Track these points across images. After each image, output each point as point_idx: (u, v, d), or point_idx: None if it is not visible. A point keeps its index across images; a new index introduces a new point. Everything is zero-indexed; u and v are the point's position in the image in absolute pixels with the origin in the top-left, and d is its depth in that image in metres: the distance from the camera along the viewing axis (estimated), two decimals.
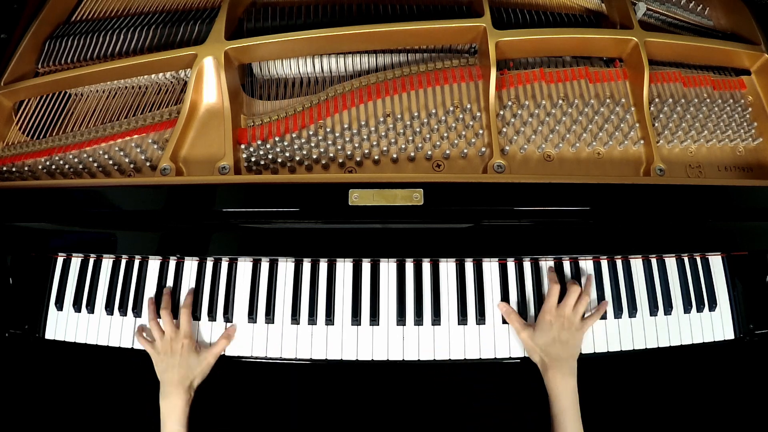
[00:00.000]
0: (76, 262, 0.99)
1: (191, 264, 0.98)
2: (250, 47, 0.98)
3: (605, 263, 0.98)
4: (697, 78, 1.07)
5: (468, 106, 0.99)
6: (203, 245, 0.92)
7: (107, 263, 0.99)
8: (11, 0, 1.05)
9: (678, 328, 0.95)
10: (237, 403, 1.04)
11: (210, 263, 0.98)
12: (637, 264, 0.98)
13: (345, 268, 0.96)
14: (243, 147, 0.97)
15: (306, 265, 0.97)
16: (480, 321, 0.94)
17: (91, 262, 0.99)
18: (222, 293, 0.96)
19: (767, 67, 1.06)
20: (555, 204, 0.88)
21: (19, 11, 1.05)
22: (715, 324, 0.96)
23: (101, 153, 0.97)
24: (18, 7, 1.05)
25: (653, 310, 0.95)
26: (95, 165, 0.96)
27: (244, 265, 0.97)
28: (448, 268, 0.96)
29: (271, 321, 0.94)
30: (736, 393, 1.09)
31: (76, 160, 0.97)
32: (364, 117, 0.98)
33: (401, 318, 0.93)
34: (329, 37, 0.98)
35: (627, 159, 0.97)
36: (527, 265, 0.97)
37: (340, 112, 0.99)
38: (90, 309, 0.96)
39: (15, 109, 1.03)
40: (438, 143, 0.96)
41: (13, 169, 0.97)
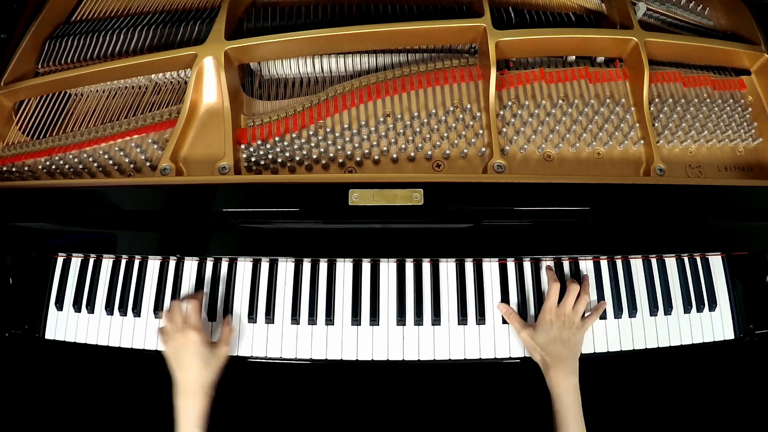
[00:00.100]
0: (76, 262, 0.99)
1: (191, 264, 0.98)
2: (250, 47, 0.98)
3: (605, 263, 0.98)
4: (697, 78, 1.07)
5: (468, 106, 0.99)
6: (203, 245, 0.92)
7: (107, 263, 0.99)
8: (11, 0, 1.05)
9: (678, 328, 0.95)
10: (237, 403, 1.04)
11: (210, 263, 0.98)
12: (637, 264, 0.98)
13: (345, 268, 0.96)
14: (243, 147, 0.97)
15: (306, 265, 0.97)
16: (480, 321, 0.94)
17: (91, 262, 0.99)
18: (222, 293, 0.96)
19: (767, 67, 1.06)
20: (555, 204, 0.88)
21: (19, 11, 1.05)
22: (715, 324, 0.96)
23: (101, 153, 0.97)
24: (18, 7, 1.05)
25: (653, 310, 0.95)
26: (95, 165, 0.96)
27: (244, 265, 0.97)
28: (448, 268, 0.96)
29: (271, 321, 0.94)
30: (736, 393, 1.09)
31: (76, 160, 0.97)
32: (364, 117, 0.98)
33: (401, 318, 0.93)
34: (329, 37, 0.98)
35: (627, 159, 0.97)
36: (527, 265, 0.97)
37: (340, 112, 0.99)
38: (90, 309, 0.96)
39: (15, 109, 1.03)
40: (438, 143, 0.96)
41: (13, 169, 0.97)
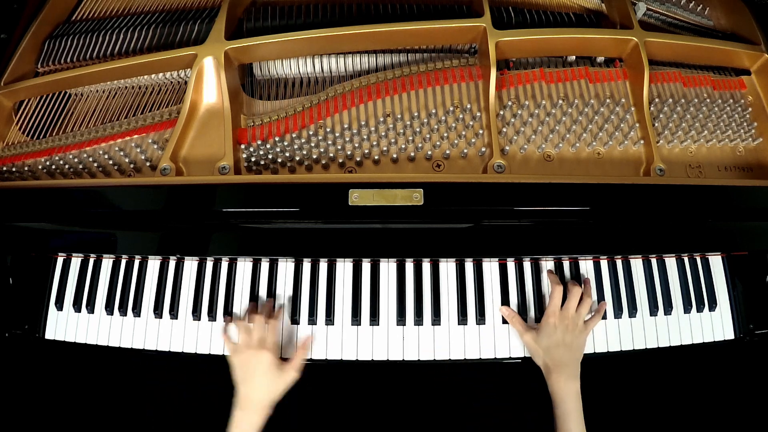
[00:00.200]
0: (76, 262, 0.99)
1: (191, 264, 0.98)
2: (250, 47, 0.98)
3: (605, 263, 0.98)
4: (697, 78, 1.07)
5: (468, 106, 0.99)
6: (203, 245, 0.92)
7: (107, 263, 0.99)
8: (11, 0, 1.05)
9: (678, 328, 0.95)
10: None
11: (210, 263, 0.98)
12: (637, 264, 0.98)
13: (345, 268, 0.96)
14: (243, 147, 0.97)
15: (306, 265, 0.97)
16: (480, 321, 0.94)
17: (91, 262, 0.99)
18: (222, 293, 0.96)
19: (767, 67, 1.06)
20: (555, 204, 0.88)
21: (19, 11, 1.05)
22: (715, 324, 0.96)
23: (101, 153, 0.97)
24: (18, 7, 1.05)
25: (653, 310, 0.95)
26: (95, 165, 0.96)
27: (244, 265, 0.97)
28: (448, 268, 0.96)
29: None
30: (736, 393, 1.09)
31: (76, 160, 0.97)
32: (364, 117, 0.98)
33: (401, 318, 0.93)
34: (329, 37, 0.98)
35: (627, 159, 0.97)
36: (527, 266, 0.97)
37: (340, 112, 0.99)
38: (90, 309, 0.96)
39: (15, 109, 1.03)
40: (438, 143, 0.96)
41: (13, 169, 0.97)
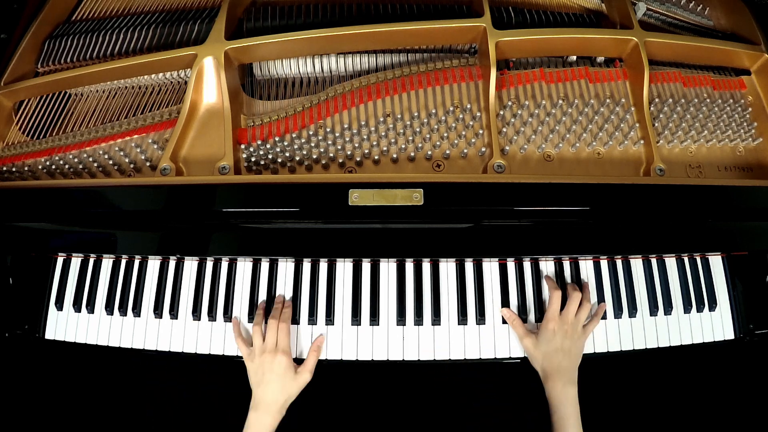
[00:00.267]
0: (76, 262, 0.99)
1: (191, 264, 0.98)
2: (250, 47, 0.98)
3: (605, 263, 0.98)
4: (697, 78, 1.07)
5: (468, 106, 0.99)
6: (203, 245, 0.92)
7: (107, 263, 0.99)
8: (11, 0, 1.05)
9: (678, 328, 0.95)
10: (236, 403, 1.04)
11: (210, 263, 0.98)
12: (637, 264, 0.98)
13: (345, 268, 0.96)
14: (243, 147, 0.97)
15: (306, 265, 0.97)
16: (480, 321, 0.94)
17: (91, 262, 0.99)
18: (222, 293, 0.96)
19: (767, 67, 1.06)
20: (555, 204, 0.88)
21: (19, 11, 1.05)
22: (715, 324, 0.96)
23: (101, 153, 0.97)
24: (18, 7, 1.05)
25: (653, 310, 0.95)
26: (95, 165, 0.96)
27: (244, 265, 0.97)
28: (448, 268, 0.96)
29: None
30: (736, 393, 1.09)
31: (76, 160, 0.97)
32: (364, 117, 0.98)
33: (401, 318, 0.93)
34: (329, 37, 0.98)
35: (627, 159, 0.97)
36: (527, 266, 0.97)
37: (340, 112, 0.99)
38: (90, 309, 0.96)
39: (15, 109, 1.03)
40: (438, 143, 0.95)
41: (13, 169, 0.97)
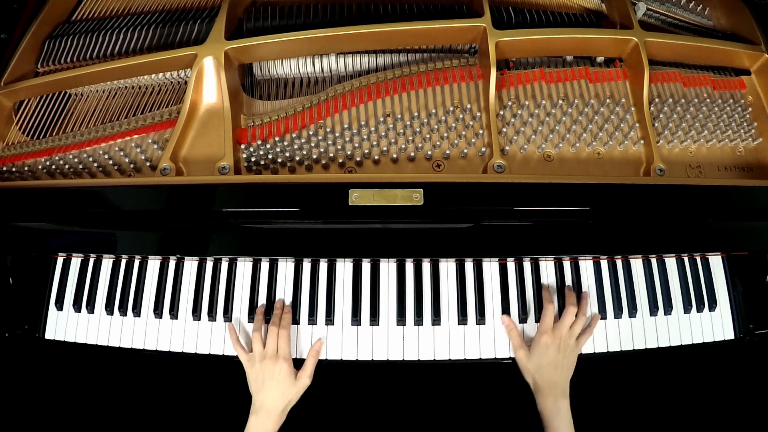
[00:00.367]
0: (76, 262, 0.99)
1: (191, 264, 0.98)
2: (250, 47, 0.98)
3: (605, 263, 0.98)
4: (697, 78, 1.07)
5: (468, 106, 0.99)
6: (203, 245, 0.92)
7: (107, 263, 0.99)
8: (11, 0, 1.05)
9: (678, 328, 0.95)
10: (236, 404, 1.04)
11: (210, 263, 0.98)
12: (637, 264, 0.98)
13: (345, 268, 0.96)
14: (243, 147, 0.97)
15: (306, 265, 0.97)
16: (480, 321, 0.94)
17: (91, 262, 0.99)
18: (222, 293, 0.96)
19: (767, 67, 1.06)
20: (555, 204, 0.88)
21: (19, 11, 1.05)
22: (715, 324, 0.96)
23: (101, 153, 0.97)
24: (18, 7, 1.05)
25: (653, 310, 0.95)
26: (95, 165, 0.96)
27: (244, 265, 0.97)
28: (448, 268, 0.96)
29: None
30: (736, 393, 1.09)
31: (76, 160, 0.97)
32: (364, 117, 0.98)
33: (401, 318, 0.93)
34: (329, 37, 0.98)
35: (627, 159, 0.97)
36: (527, 265, 0.97)
37: (340, 112, 0.99)
38: (90, 309, 0.96)
39: (15, 109, 1.03)
40: (438, 143, 0.96)
41: (13, 169, 0.97)
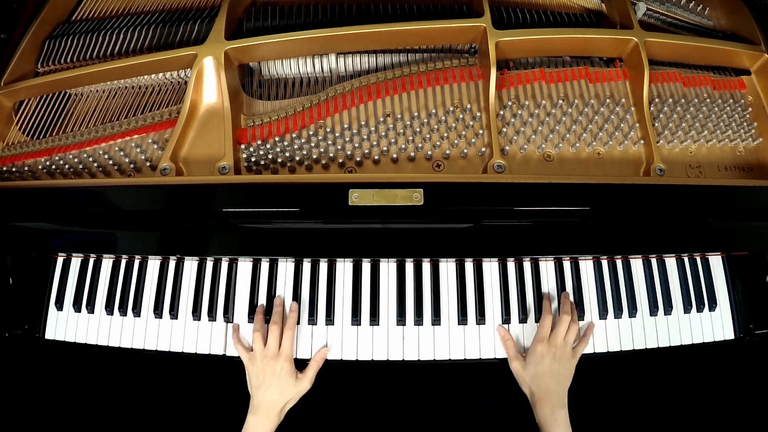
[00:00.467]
0: (76, 262, 0.99)
1: (191, 264, 0.98)
2: (250, 47, 0.98)
3: (605, 263, 0.98)
4: (697, 78, 1.07)
5: (468, 106, 0.99)
6: (203, 245, 0.92)
7: (107, 263, 0.99)
8: (11, 0, 1.05)
9: (678, 328, 0.95)
10: (236, 403, 1.04)
11: (210, 263, 0.98)
12: (637, 264, 0.98)
13: (345, 268, 0.96)
14: (243, 147, 0.97)
15: (306, 265, 0.97)
16: (480, 321, 0.94)
17: (91, 262, 0.99)
18: (222, 293, 0.96)
19: (767, 67, 1.06)
20: (555, 204, 0.88)
21: (19, 11, 1.05)
22: (715, 324, 0.96)
23: (101, 153, 0.97)
24: (18, 7, 1.05)
25: (653, 310, 0.95)
26: (95, 165, 0.96)
27: (244, 265, 0.97)
28: (448, 268, 0.96)
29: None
30: (736, 393, 1.09)
31: (76, 160, 0.97)
32: (364, 117, 0.98)
33: (401, 318, 0.93)
34: (329, 37, 0.98)
35: (627, 159, 0.97)
36: (527, 265, 0.97)
37: (340, 112, 0.99)
38: (90, 309, 0.96)
39: (15, 109, 1.03)
40: (438, 143, 0.96)
41: (13, 169, 0.97)
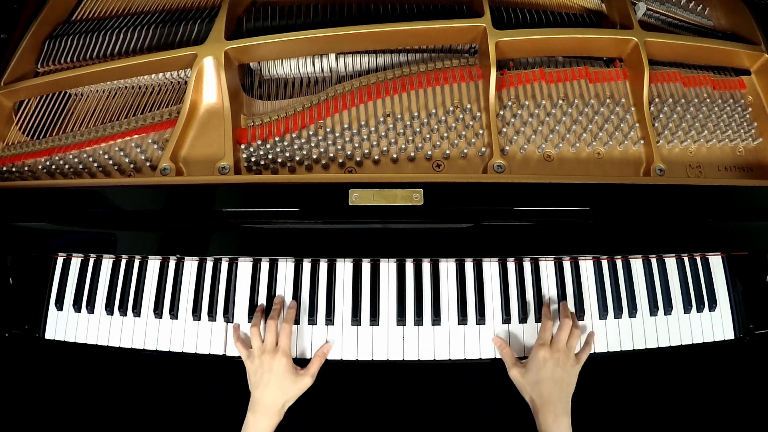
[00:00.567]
0: (76, 262, 0.99)
1: (191, 264, 0.98)
2: (250, 47, 0.98)
3: (605, 263, 0.98)
4: (697, 78, 1.07)
5: (468, 106, 0.99)
6: (203, 245, 0.92)
7: (107, 263, 0.99)
8: (11, 0, 1.05)
9: (678, 328, 0.95)
10: (236, 403, 1.04)
11: (210, 263, 0.98)
12: (637, 264, 0.98)
13: (345, 268, 0.96)
14: (243, 147, 0.97)
15: (306, 265, 0.97)
16: (480, 321, 0.94)
17: (91, 262, 0.99)
18: (222, 293, 0.96)
19: (767, 67, 1.06)
20: (555, 204, 0.88)
21: (19, 11, 1.05)
22: (715, 324, 0.96)
23: (101, 153, 0.97)
24: (18, 7, 1.05)
25: (653, 310, 0.95)
26: (95, 165, 0.96)
27: (244, 265, 0.97)
28: (448, 268, 0.96)
29: None
30: (736, 393, 1.09)
31: (76, 160, 0.97)
32: (364, 117, 0.98)
33: (401, 318, 0.93)
34: (329, 37, 0.98)
35: (627, 159, 0.97)
36: (527, 265, 0.97)
37: (340, 112, 0.99)
38: (90, 309, 0.96)
39: (15, 109, 1.03)
40: (438, 143, 0.96)
41: (13, 169, 0.97)
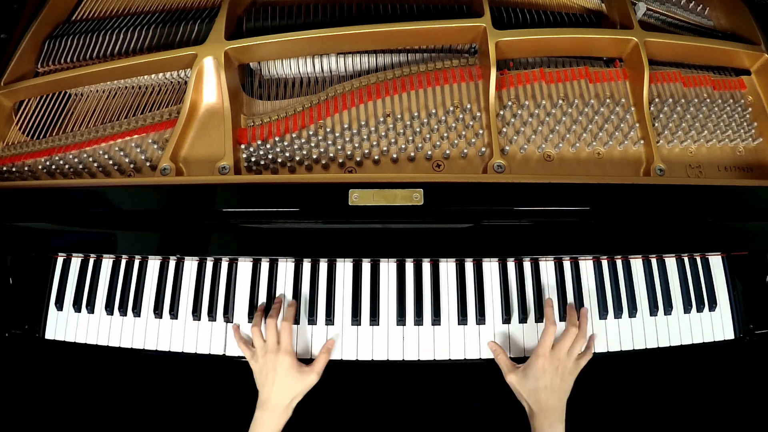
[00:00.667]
0: (76, 262, 0.99)
1: (191, 264, 0.98)
2: (250, 47, 0.98)
3: (605, 263, 0.98)
4: (697, 78, 1.07)
5: (468, 106, 0.99)
6: (203, 245, 0.92)
7: (107, 263, 0.99)
8: (11, 0, 1.05)
9: (678, 328, 0.95)
10: (237, 403, 1.04)
11: (210, 263, 0.98)
12: (637, 264, 0.98)
13: (345, 268, 0.96)
14: (243, 147, 0.97)
15: (306, 265, 0.97)
16: (480, 321, 0.94)
17: (91, 262, 0.99)
18: (222, 293, 0.96)
19: (767, 67, 1.06)
20: (555, 204, 0.88)
21: (19, 11, 1.05)
22: (715, 324, 0.96)
23: (101, 153, 0.97)
24: (18, 7, 1.05)
25: (653, 310, 0.95)
26: (95, 165, 0.96)
27: (244, 265, 0.97)
28: (448, 268, 0.96)
29: None
30: (736, 393, 1.09)
31: (76, 160, 0.97)
32: (364, 117, 0.98)
33: (401, 318, 0.93)
34: (329, 37, 0.98)
35: (627, 159, 0.97)
36: (527, 265, 0.97)
37: (340, 112, 0.99)
38: (90, 309, 0.96)
39: (15, 109, 1.03)
40: (438, 143, 0.96)
41: (13, 169, 0.97)
